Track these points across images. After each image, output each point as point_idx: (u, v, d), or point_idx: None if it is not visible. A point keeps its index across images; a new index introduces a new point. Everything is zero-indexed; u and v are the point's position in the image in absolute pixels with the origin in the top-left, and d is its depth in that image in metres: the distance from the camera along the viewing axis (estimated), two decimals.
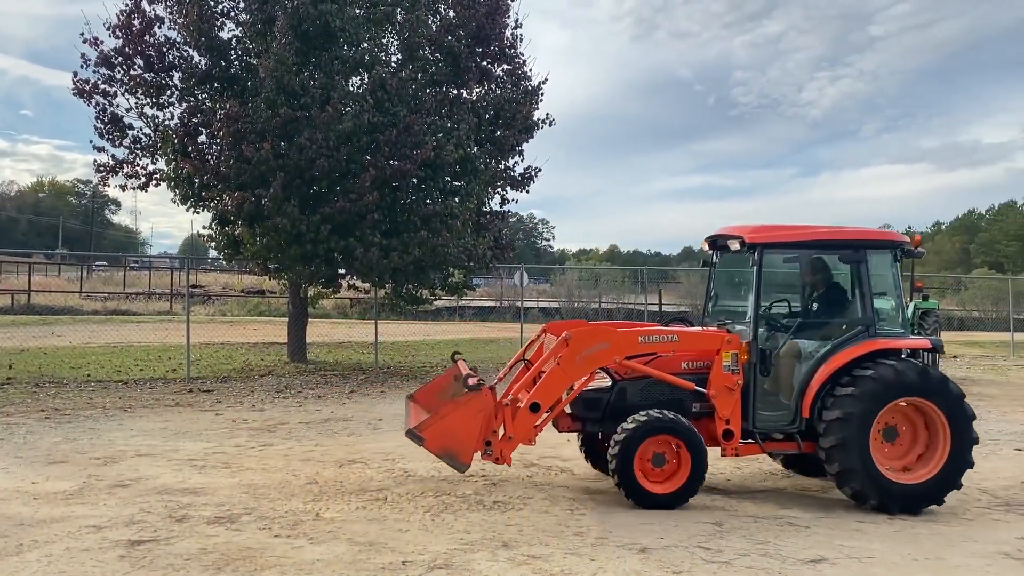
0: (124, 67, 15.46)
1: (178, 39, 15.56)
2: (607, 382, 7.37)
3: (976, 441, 6.97)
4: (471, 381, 6.67)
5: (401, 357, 19.23)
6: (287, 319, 18.03)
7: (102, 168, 16.16)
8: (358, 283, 17.38)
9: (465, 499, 7.03)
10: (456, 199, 15.52)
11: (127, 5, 15.54)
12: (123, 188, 16.41)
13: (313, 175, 14.19)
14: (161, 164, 16.09)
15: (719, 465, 8.42)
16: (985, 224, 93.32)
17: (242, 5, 15.74)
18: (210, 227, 16.18)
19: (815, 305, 7.77)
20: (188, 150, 14.73)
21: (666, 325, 7.87)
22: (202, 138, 15.23)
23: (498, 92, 16.87)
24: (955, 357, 21.54)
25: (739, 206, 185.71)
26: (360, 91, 15.25)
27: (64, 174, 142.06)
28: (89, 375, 14.80)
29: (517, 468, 8.11)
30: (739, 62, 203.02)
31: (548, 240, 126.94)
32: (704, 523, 6.43)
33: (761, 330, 7.38)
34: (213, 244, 16.38)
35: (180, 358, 16.35)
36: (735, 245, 7.52)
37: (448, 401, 6.98)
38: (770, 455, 7.84)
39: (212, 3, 15.54)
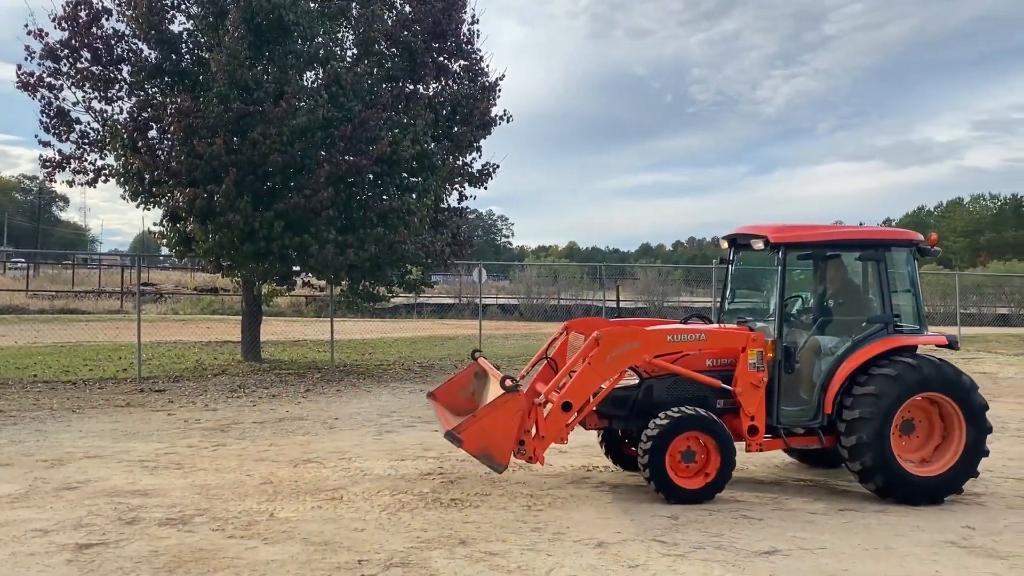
0: (70, 60, 15.06)
1: (127, 32, 15.21)
2: (634, 380, 7.50)
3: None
4: (508, 383, 6.71)
5: (358, 355, 19.08)
6: (240, 317, 17.78)
7: (48, 163, 15.73)
8: (313, 280, 17.22)
9: (422, 497, 7.00)
10: (413, 195, 15.45)
11: None
12: (70, 184, 16.01)
13: (266, 171, 14.00)
14: (110, 159, 15.72)
15: None
16: (934, 221, 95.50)
17: None
18: (161, 224, 15.86)
19: (833, 302, 7.96)
20: (138, 145, 14.41)
21: (684, 322, 7.97)
22: (152, 133, 14.91)
23: (455, 88, 16.84)
24: None
25: (694, 203, 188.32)
26: (315, 86, 15.10)
27: (9, 169, 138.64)
28: (36, 376, 14.45)
29: (475, 465, 8.08)
30: (696, 60, 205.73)
31: (507, 237, 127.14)
32: (661, 517, 6.48)
33: (785, 328, 7.55)
34: (164, 241, 16.06)
35: (131, 357, 16.03)
36: (759, 244, 7.70)
37: (485, 403, 7.05)
38: (787, 451, 8.06)
39: None
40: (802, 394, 7.47)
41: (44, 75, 15.16)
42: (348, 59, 15.86)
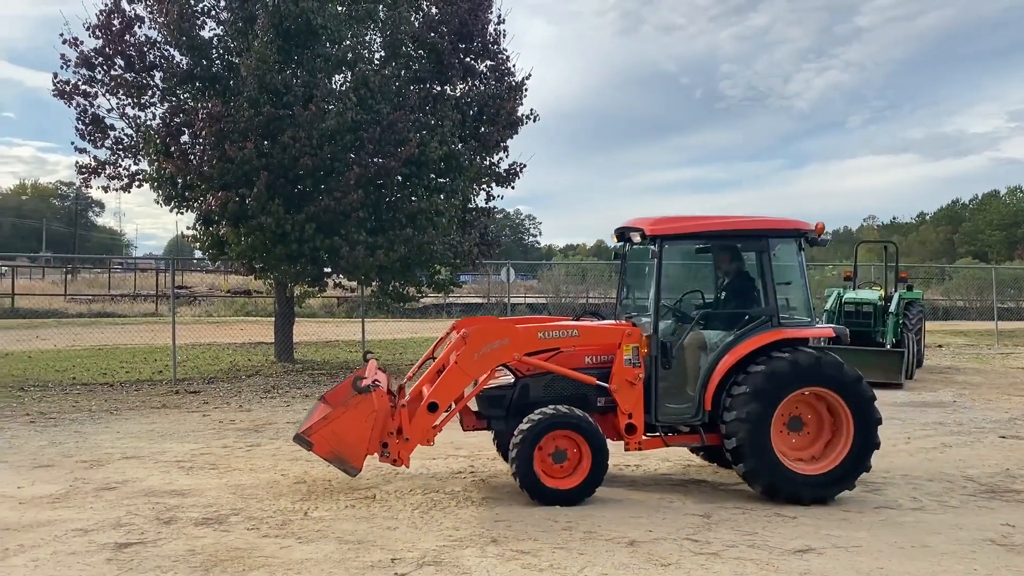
0: (105, 67, 15.35)
1: (159, 38, 15.47)
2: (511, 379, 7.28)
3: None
4: (361, 383, 6.59)
5: (388, 355, 19.19)
6: (273, 319, 17.97)
7: (84, 169, 16.05)
8: (344, 282, 17.34)
9: (454, 496, 7.03)
10: (441, 196, 15.51)
11: (107, 5, 15.43)
12: (105, 189, 16.31)
13: (297, 174, 14.14)
14: (144, 165, 16.00)
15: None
16: (969, 214, 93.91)
17: (223, 3, 15.67)
18: (195, 227, 16.10)
19: (722, 296, 7.73)
20: (171, 150, 14.63)
21: (578, 319, 7.79)
22: (185, 138, 15.13)
23: (482, 88, 16.86)
24: (940, 346, 21.70)
25: (725, 199, 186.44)
26: (343, 89, 15.21)
27: (47, 176, 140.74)
28: (75, 378, 14.71)
29: (505, 464, 8.10)
30: (726, 55, 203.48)
31: (535, 236, 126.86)
32: (692, 515, 6.46)
33: (669, 322, 7.40)
34: (198, 245, 16.29)
35: (166, 359, 16.26)
36: (636, 237, 7.51)
37: (338, 404, 6.81)
38: (693, 451, 7.85)
39: (192, 2, 15.45)
40: (687, 391, 7.26)
41: (79, 83, 15.46)
42: (375, 62, 15.96)
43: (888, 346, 14.98)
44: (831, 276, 31.53)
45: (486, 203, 18.09)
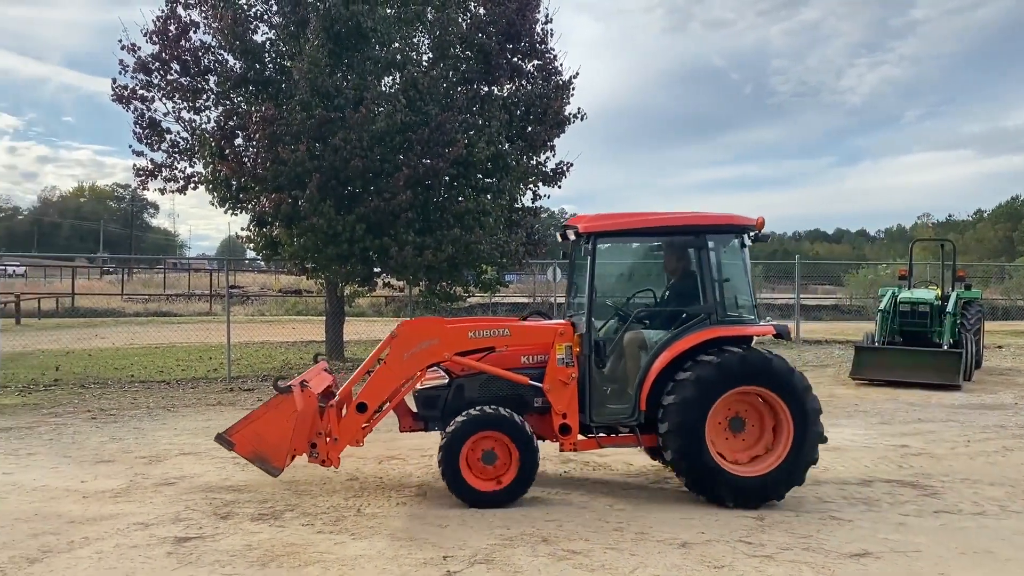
0: (161, 72, 15.73)
1: (213, 43, 15.81)
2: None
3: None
4: (281, 384, 6.59)
5: None
6: (324, 318, 18.21)
7: (141, 172, 16.47)
8: (393, 281, 17.51)
9: None
10: (488, 196, 15.56)
11: (163, 11, 15.82)
12: (162, 191, 16.72)
13: (348, 175, 14.31)
14: (199, 167, 16.36)
15: None
16: None
17: (275, 8, 15.93)
18: (248, 228, 16.41)
19: (666, 294, 7.55)
20: (225, 153, 14.94)
21: (524, 319, 7.67)
22: (238, 141, 15.44)
23: (529, 88, 16.85)
24: (1000, 347, 21.12)
25: (775, 196, 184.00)
26: (392, 91, 15.35)
27: (105, 179, 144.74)
28: (133, 376, 15.09)
29: (554, 464, 8.12)
30: (776, 50, 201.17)
31: None
32: (745, 517, 6.39)
33: (612, 322, 7.28)
34: (251, 245, 16.60)
35: (221, 358, 16.60)
36: (571, 235, 7.38)
37: (261, 405, 6.83)
38: (648, 451, 7.65)
39: (246, 7, 15.76)
40: (626, 391, 7.06)
41: (137, 88, 15.87)
42: (424, 63, 16.08)
43: (945, 347, 14.63)
44: (885, 275, 30.87)
45: (532, 203, 18.10)
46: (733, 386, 6.65)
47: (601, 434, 7.17)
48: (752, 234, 7.25)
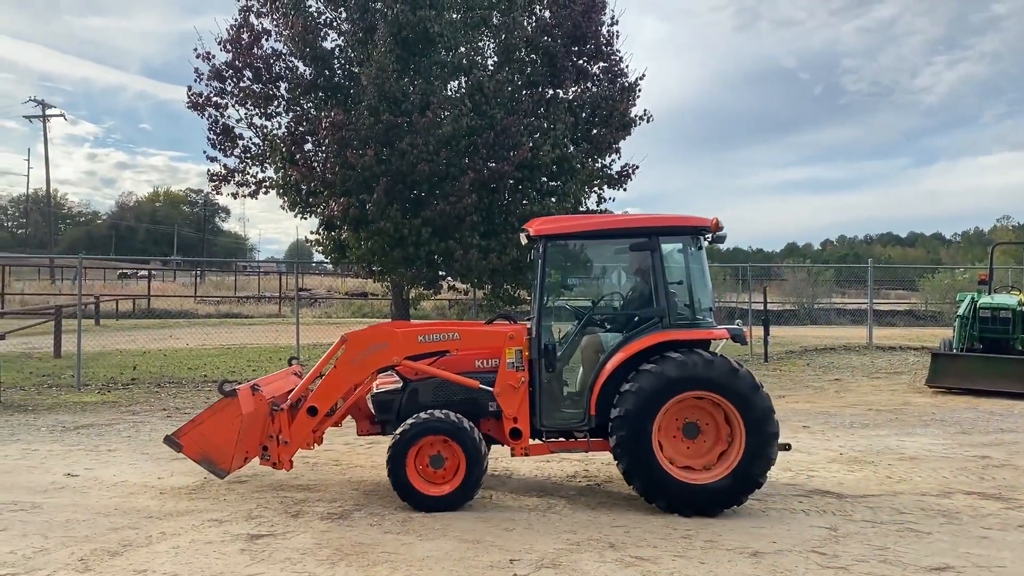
0: (234, 80, 16.16)
1: (284, 50, 16.19)
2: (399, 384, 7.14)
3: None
4: (226, 387, 6.60)
5: None
6: (389, 320, 18.43)
7: (215, 177, 16.94)
8: (457, 284, 17.63)
9: (569, 499, 7.03)
10: (553, 199, 15.56)
11: (236, 20, 16.25)
12: (234, 196, 17.23)
13: (414, 179, 14.47)
14: (270, 172, 16.75)
15: (831, 468, 8.17)
16: None
17: (344, 15, 16.21)
18: (317, 232, 16.72)
19: (620, 297, 7.37)
20: (295, 158, 15.25)
21: (490, 322, 7.52)
22: (308, 146, 15.76)
23: (594, 90, 16.81)
24: None
25: (846, 198, 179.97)
26: (458, 95, 15.46)
27: (179, 184, 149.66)
28: (206, 375, 15.48)
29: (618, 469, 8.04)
30: (848, 49, 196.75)
31: None
32: (818, 528, 6.23)
33: (572, 325, 7.14)
34: (320, 249, 16.92)
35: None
36: (523, 238, 7.25)
37: (207, 408, 6.88)
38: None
39: (315, 15, 16.07)
40: (579, 395, 6.91)
41: (211, 95, 16.31)
42: (490, 67, 16.16)
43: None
44: (962, 280, 29.86)
45: (597, 205, 18.01)
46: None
47: (552, 439, 7.10)
48: (708, 235, 7.10)
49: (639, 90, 17.08)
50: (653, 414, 6.44)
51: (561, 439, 7.12)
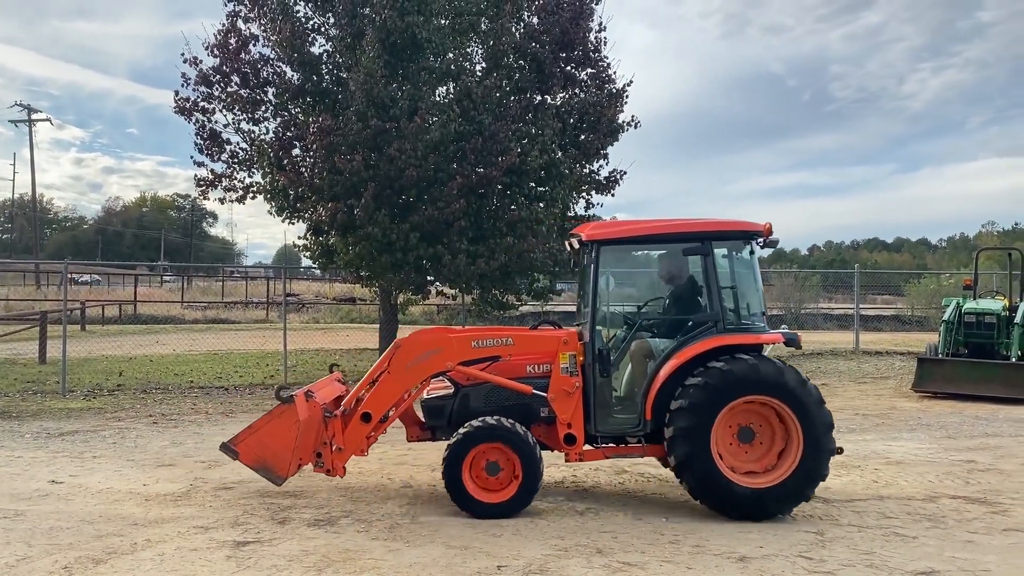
0: (222, 84, 16.07)
1: (272, 56, 16.10)
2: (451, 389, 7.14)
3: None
4: (284, 394, 6.59)
5: None
6: (378, 325, 18.39)
7: (202, 182, 16.84)
8: (446, 289, 17.60)
9: (557, 505, 7.03)
10: (541, 204, 15.57)
11: (224, 25, 16.18)
12: (221, 201, 17.08)
13: (402, 185, 14.43)
14: (257, 177, 16.66)
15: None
16: None
17: (332, 20, 16.17)
18: (305, 237, 16.67)
19: (669, 302, 7.41)
20: (283, 163, 15.19)
21: (534, 328, 7.58)
22: (296, 151, 15.69)
23: (582, 96, 16.83)
24: None
25: (833, 204, 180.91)
26: (446, 101, 15.46)
27: (166, 189, 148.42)
28: (192, 381, 15.41)
29: (608, 475, 8.06)
30: (836, 55, 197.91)
31: None
32: (805, 532, 6.26)
33: (620, 331, 7.18)
34: (308, 254, 16.87)
35: (277, 364, 16.86)
36: (574, 243, 7.27)
37: (264, 415, 6.86)
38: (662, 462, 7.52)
39: (303, 20, 16.03)
40: (632, 400, 6.95)
41: (198, 100, 16.23)
42: (478, 73, 16.17)
43: (1013, 359, 14.17)
44: (948, 285, 30.04)
45: (586, 211, 18.00)
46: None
47: (607, 444, 7.11)
48: (761, 240, 7.13)
49: (627, 96, 17.12)
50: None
51: (612, 444, 7.13)
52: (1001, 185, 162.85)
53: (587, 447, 7.01)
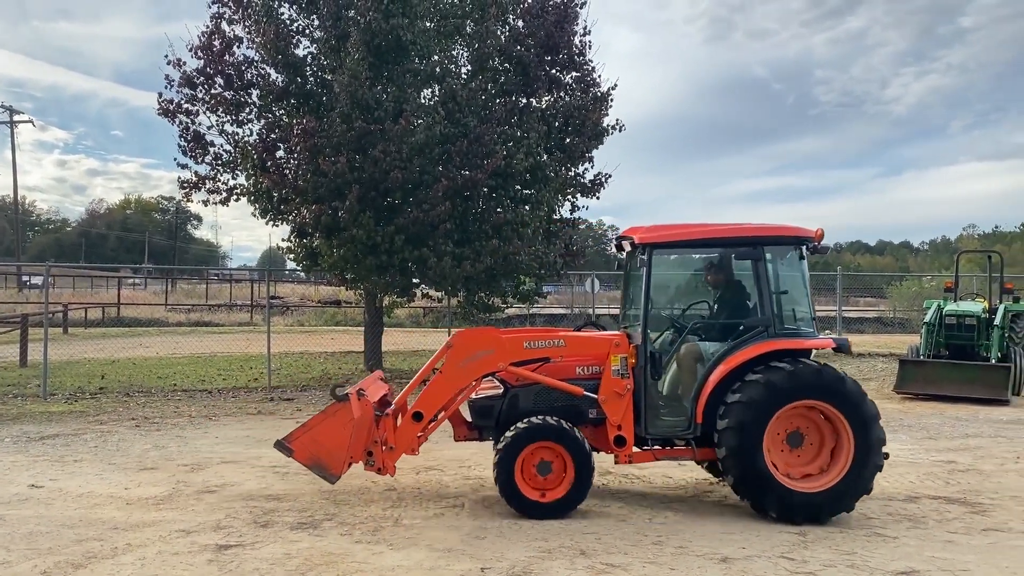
0: (205, 86, 15.99)
1: (256, 57, 16.04)
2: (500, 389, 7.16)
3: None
4: (339, 392, 6.61)
5: None
6: (363, 328, 18.34)
7: (186, 184, 16.75)
8: (431, 292, 17.58)
9: None
10: (527, 207, 15.57)
11: (208, 27, 16.10)
12: (205, 203, 16.98)
13: (387, 187, 14.41)
14: (241, 179, 16.59)
15: None
16: None
17: (316, 23, 16.13)
18: (289, 239, 16.60)
19: (717, 306, 7.45)
20: (267, 165, 15.14)
21: (579, 329, 7.61)
22: (280, 153, 15.63)
23: (567, 99, 16.86)
24: None
25: (817, 208, 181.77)
26: (431, 103, 15.45)
27: (150, 191, 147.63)
28: (175, 384, 15.32)
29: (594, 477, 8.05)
30: (820, 60, 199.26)
31: None
32: (787, 533, 6.29)
33: (668, 333, 7.23)
34: (292, 256, 16.79)
35: (261, 367, 16.79)
36: (627, 246, 7.30)
37: (318, 413, 6.88)
38: (702, 465, 7.62)
39: (288, 22, 15.98)
40: (682, 403, 6.98)
41: (182, 102, 16.15)
42: (463, 76, 16.17)
43: (993, 360, 14.31)
44: (929, 288, 30.30)
45: (571, 214, 18.05)
46: (791, 400, 6.56)
47: (656, 446, 7.13)
48: (811, 246, 7.19)
49: (611, 100, 17.17)
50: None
51: (660, 447, 7.15)
52: (982, 188, 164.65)
53: (636, 449, 7.05)
